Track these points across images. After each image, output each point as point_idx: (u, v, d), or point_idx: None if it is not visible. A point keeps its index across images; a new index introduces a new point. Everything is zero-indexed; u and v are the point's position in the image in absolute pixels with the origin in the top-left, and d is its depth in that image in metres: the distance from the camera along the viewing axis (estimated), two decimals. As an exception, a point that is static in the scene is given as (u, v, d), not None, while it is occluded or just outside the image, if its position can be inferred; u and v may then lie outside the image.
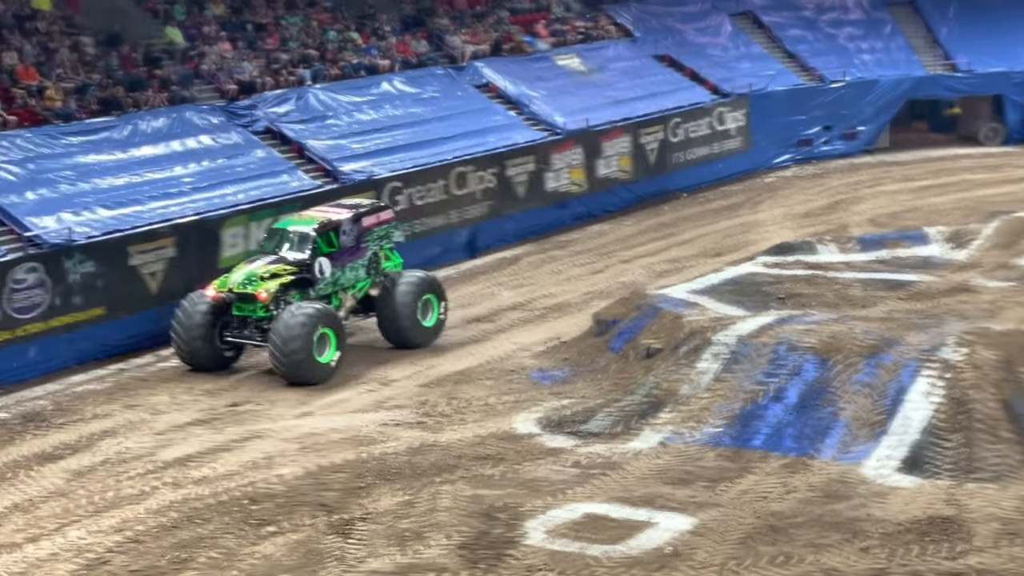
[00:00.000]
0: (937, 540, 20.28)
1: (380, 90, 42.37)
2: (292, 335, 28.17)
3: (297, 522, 21.94)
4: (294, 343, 28.20)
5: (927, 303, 29.51)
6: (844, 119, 52.88)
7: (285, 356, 28.31)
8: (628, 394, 26.50)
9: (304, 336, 28.24)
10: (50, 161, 33.71)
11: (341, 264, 30.64)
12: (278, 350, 28.32)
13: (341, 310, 30.60)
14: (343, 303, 30.88)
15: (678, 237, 41.57)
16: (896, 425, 23.74)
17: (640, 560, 20.06)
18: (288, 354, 28.27)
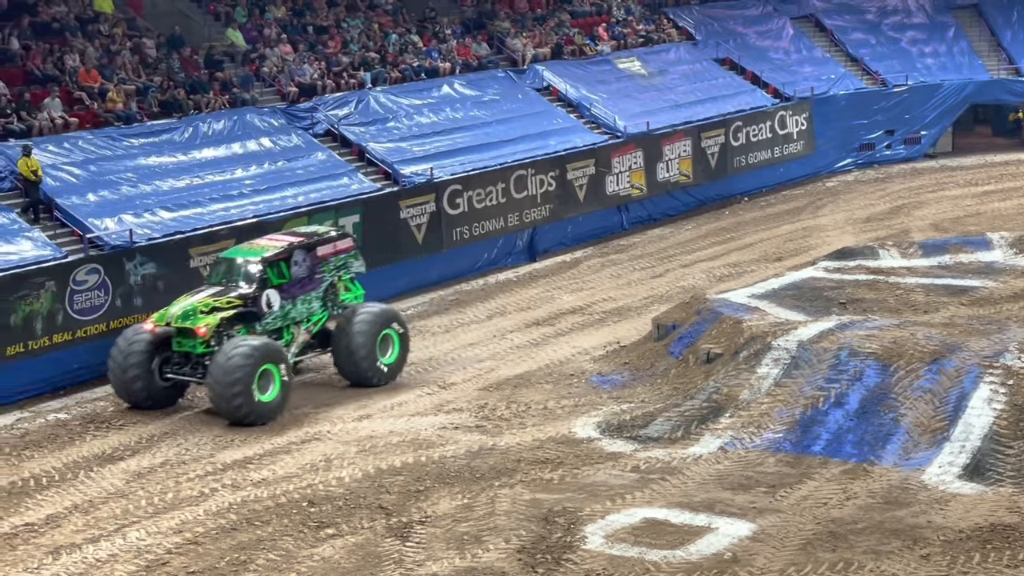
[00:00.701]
0: (999, 548, 20.17)
1: (441, 93, 42.45)
2: (231, 372, 26.35)
3: (356, 525, 22.02)
4: (233, 381, 26.36)
5: (990, 309, 29.32)
6: (906, 123, 52.65)
7: (224, 394, 26.52)
8: (688, 399, 26.48)
9: (244, 373, 26.37)
10: (111, 163, 33.95)
11: (292, 296, 28.60)
12: (217, 387, 26.53)
13: (292, 345, 28.81)
14: (295, 337, 28.94)
15: (739, 241, 41.47)
16: (958, 432, 23.62)
17: (700, 566, 20.04)
18: (226, 393, 26.48)
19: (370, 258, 35.50)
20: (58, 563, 21.12)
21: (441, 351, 31.81)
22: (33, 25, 37.88)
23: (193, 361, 27.52)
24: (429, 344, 32.45)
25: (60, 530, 22.35)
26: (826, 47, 54.87)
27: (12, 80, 35.45)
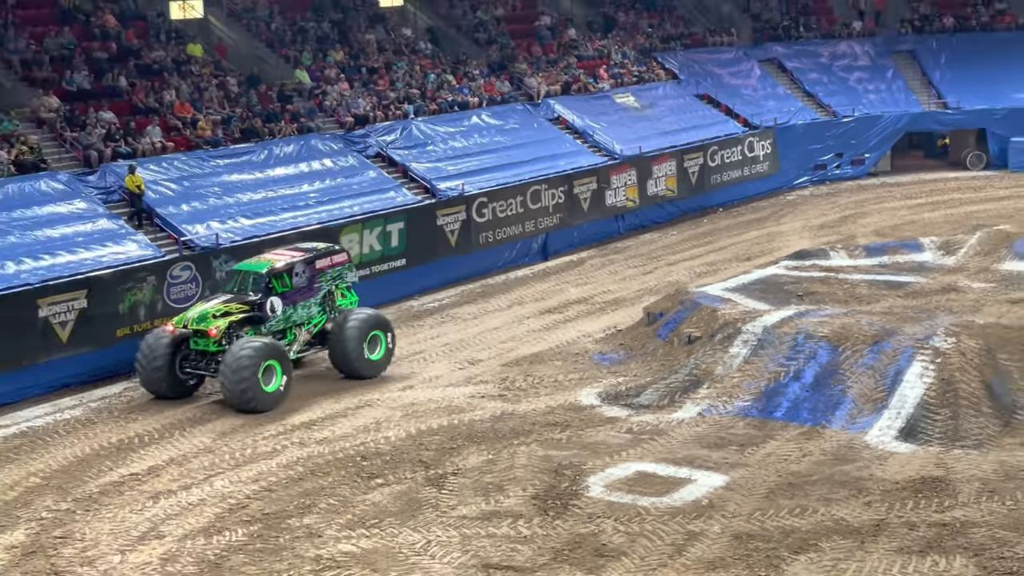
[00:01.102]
0: (928, 496, 20.13)
1: (470, 122, 42.37)
2: (240, 367, 25.64)
3: (400, 475, 22.04)
4: (241, 375, 25.64)
5: (921, 300, 29.22)
6: (853, 147, 52.40)
7: (234, 386, 25.75)
8: (673, 373, 26.43)
9: (251, 368, 25.68)
10: (201, 179, 33.99)
11: (293, 302, 27.79)
12: (227, 381, 25.79)
13: (295, 343, 28.08)
14: (297, 337, 28.13)
15: (715, 245, 41.35)
16: (895, 401, 23.56)
17: (682, 510, 20.02)
18: (236, 385, 25.71)
19: (412, 258, 35.76)
20: (157, 506, 21.18)
21: (470, 334, 31.78)
22: (137, 66, 37.95)
23: (207, 358, 26.78)
24: (460, 328, 32.42)
25: (159, 479, 22.41)
26: (787, 85, 54.61)
27: (120, 111, 35.53)
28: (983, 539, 18.49)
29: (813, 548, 18.45)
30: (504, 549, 18.85)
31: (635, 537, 19.09)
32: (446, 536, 19.39)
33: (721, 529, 19.25)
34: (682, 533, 19.17)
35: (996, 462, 21.39)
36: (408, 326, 32.78)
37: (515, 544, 19.01)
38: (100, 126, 34.23)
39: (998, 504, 19.72)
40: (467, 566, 18.34)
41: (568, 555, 18.57)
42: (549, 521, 19.79)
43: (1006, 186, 49.05)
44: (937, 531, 18.83)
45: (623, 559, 18.37)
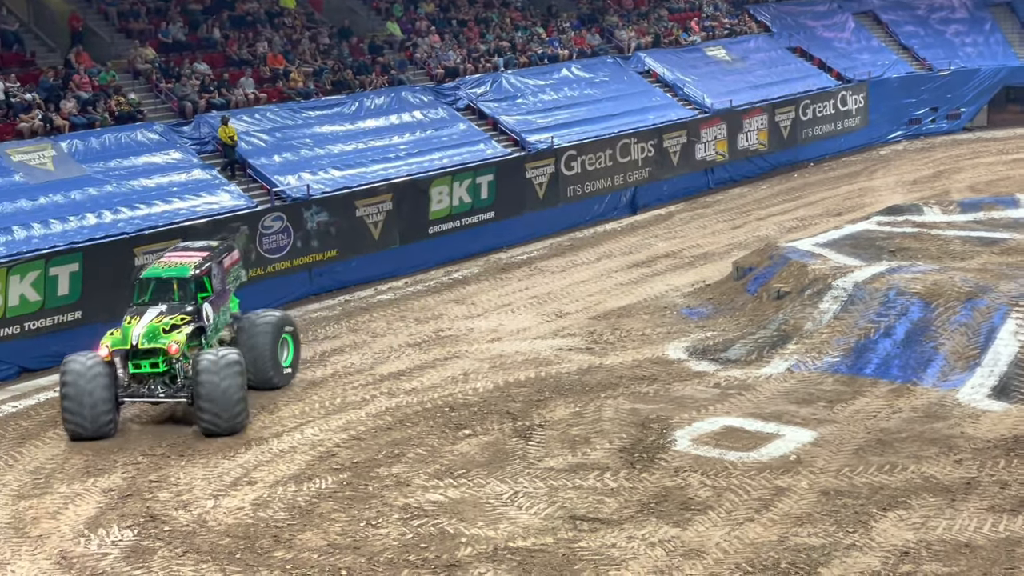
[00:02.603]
0: (1021, 455, 19.83)
1: (560, 75, 42.23)
2: (232, 394, 21.88)
3: (488, 427, 22.14)
4: (235, 401, 21.96)
5: (1017, 257, 28.68)
6: (949, 102, 51.52)
7: (226, 417, 21.96)
8: (761, 328, 26.25)
9: (243, 390, 22.17)
10: (292, 131, 34.23)
11: (216, 308, 23.97)
12: (217, 414, 21.83)
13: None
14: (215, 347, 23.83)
15: (805, 199, 40.90)
16: (988, 359, 23.22)
17: (769, 465, 19.91)
18: (232, 408, 21.95)
19: (501, 210, 35.79)
20: (250, 452, 21.47)
21: (558, 287, 31.77)
22: (231, 18, 38.23)
23: (153, 381, 22.55)
24: (548, 281, 32.42)
25: (251, 427, 22.69)
26: (882, 38, 53.76)
27: (214, 63, 35.84)
28: (1076, 500, 18.20)
29: (902, 505, 18.27)
30: (590, 501, 18.89)
31: (721, 491, 19.03)
32: (533, 487, 19.46)
33: (808, 485, 19.13)
34: (769, 488, 19.07)
35: (1091, 422, 21.03)
36: (496, 278, 32.86)
37: (601, 496, 19.04)
38: (195, 77, 34.56)
39: (1092, 464, 19.39)
40: (553, 517, 18.40)
41: (654, 508, 18.57)
42: (635, 474, 19.79)
43: (1106, 142, 47.99)
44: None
45: (709, 513, 18.33)
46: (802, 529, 17.69)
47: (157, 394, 22.55)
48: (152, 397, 22.59)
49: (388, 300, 31.26)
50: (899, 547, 17.04)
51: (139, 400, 22.75)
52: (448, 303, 30.70)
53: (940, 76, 51.35)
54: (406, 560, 17.25)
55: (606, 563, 16.96)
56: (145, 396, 22.59)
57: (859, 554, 16.90)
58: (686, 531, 17.79)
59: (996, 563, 16.48)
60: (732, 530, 17.74)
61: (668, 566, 16.81)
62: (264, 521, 18.68)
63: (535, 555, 17.28)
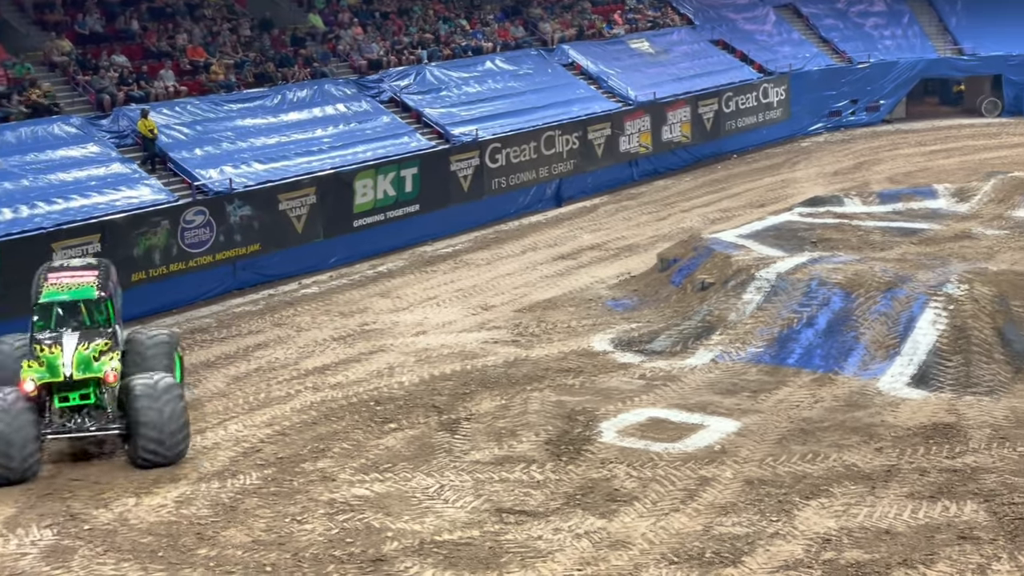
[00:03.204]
0: (939, 443, 20.14)
1: (484, 68, 42.19)
2: (176, 419, 20.12)
3: (413, 421, 22.10)
4: (179, 428, 20.22)
5: (935, 247, 29.12)
6: (868, 94, 52.13)
7: (170, 445, 20.15)
8: (686, 320, 26.41)
9: (185, 415, 20.49)
10: (214, 124, 33.92)
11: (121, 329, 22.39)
12: (161, 441, 19.98)
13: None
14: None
15: (728, 191, 41.21)
16: (907, 347, 23.54)
17: (694, 456, 20.06)
18: (177, 435, 20.22)
19: (425, 203, 35.70)
20: (172, 449, 21.25)
21: (483, 280, 31.77)
22: (150, 9, 37.80)
23: (84, 413, 20.54)
24: (474, 274, 32.42)
25: (174, 422, 22.43)
26: (802, 31, 54.26)
27: (133, 55, 35.42)
28: (993, 485, 18.51)
29: (824, 493, 18.49)
30: (517, 494, 18.92)
31: (647, 482, 19.14)
32: (459, 480, 19.46)
33: (733, 475, 19.29)
34: (694, 479, 19.21)
35: (1007, 408, 21.39)
36: (421, 271, 32.81)
37: (528, 489, 19.08)
38: (113, 70, 34.14)
39: (1009, 450, 19.73)
40: (479, 510, 18.41)
41: (580, 500, 18.63)
42: (562, 466, 19.84)
43: (1021, 132, 48.82)
44: (948, 477, 18.86)
45: (635, 504, 18.43)
46: (726, 518, 17.83)
47: (87, 428, 20.36)
48: (81, 431, 20.38)
49: (313, 294, 31.10)
50: (821, 535, 17.24)
51: (65, 436, 20.48)
52: (373, 297, 30.60)
53: (860, 69, 51.94)
54: (332, 556, 17.18)
55: (532, 555, 16.99)
56: (73, 431, 20.35)
57: (782, 542, 17.08)
58: (612, 522, 17.88)
59: (916, 549, 16.72)
60: (657, 521, 17.86)
61: (594, 557, 16.89)
62: (187, 519, 18.51)
63: (461, 548, 17.29)
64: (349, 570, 16.80)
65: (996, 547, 16.71)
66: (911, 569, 16.22)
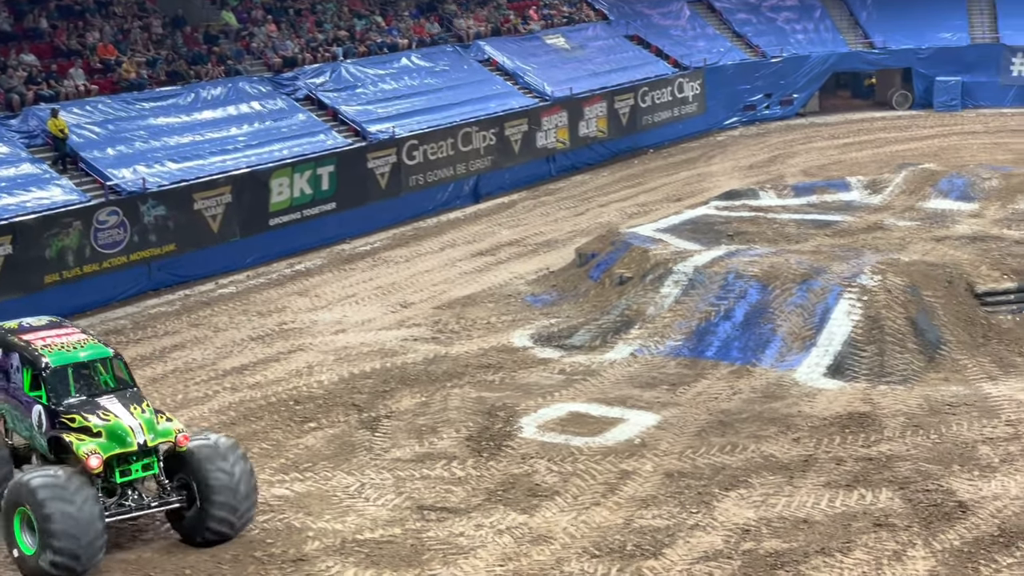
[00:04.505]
0: (855, 431, 20.43)
1: (400, 65, 42.09)
2: (247, 482, 17.65)
3: (333, 419, 22.03)
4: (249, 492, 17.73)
5: (848, 239, 29.51)
6: (781, 88, 52.67)
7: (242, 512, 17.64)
8: (604, 314, 26.55)
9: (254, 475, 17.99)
10: (126, 123, 33.53)
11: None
12: (234, 508, 17.47)
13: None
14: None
15: (645, 186, 41.47)
16: (823, 338, 23.83)
17: (614, 449, 20.19)
18: (246, 510, 17.70)
19: (342, 201, 35.57)
20: (88, 453, 20.98)
21: (402, 277, 31.72)
22: (59, 7, 37.25)
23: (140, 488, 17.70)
24: (392, 271, 32.35)
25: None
26: (716, 25, 54.68)
27: (42, 54, 34.90)
28: (908, 472, 18.82)
29: (743, 484, 18.69)
30: (438, 490, 18.93)
31: (568, 477, 19.23)
32: (380, 479, 19.43)
33: (653, 468, 19.44)
34: (614, 472, 19.33)
35: (921, 397, 21.75)
36: (340, 270, 32.68)
37: (449, 485, 19.10)
38: (21, 69, 33.61)
39: (922, 438, 20.06)
40: (401, 508, 18.40)
41: (502, 495, 18.68)
42: (483, 462, 19.88)
43: (931, 125, 49.60)
44: (864, 465, 19.14)
45: (556, 499, 18.51)
46: (647, 511, 17.97)
47: (147, 504, 17.52)
48: (142, 509, 17.50)
49: (230, 294, 30.87)
50: (740, 525, 17.43)
51: (128, 517, 17.58)
52: (291, 296, 30.44)
53: (773, 63, 52.48)
54: (252, 556, 17.09)
55: (454, 552, 17.02)
56: (134, 509, 17.44)
57: (702, 533, 17.25)
58: (533, 517, 17.95)
59: (833, 537, 16.97)
60: (579, 515, 17.95)
61: (516, 552, 16.95)
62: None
63: (383, 546, 17.27)
64: (270, 571, 16.72)
65: (911, 533, 17.00)
66: (828, 557, 16.46)
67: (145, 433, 17.42)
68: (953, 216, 31.17)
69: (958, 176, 34.11)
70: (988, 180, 33.34)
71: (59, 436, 17.66)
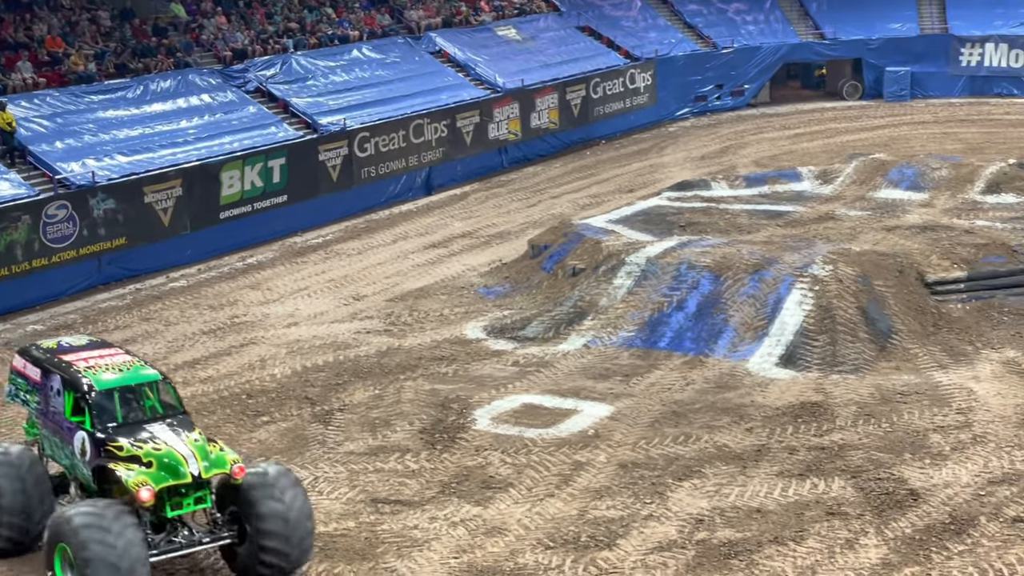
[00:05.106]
0: (807, 421, 20.55)
1: (351, 56, 41.92)
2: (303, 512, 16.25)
3: (286, 413, 21.94)
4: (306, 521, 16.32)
5: (800, 229, 29.66)
6: (733, 79, 52.85)
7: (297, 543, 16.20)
8: (557, 305, 26.56)
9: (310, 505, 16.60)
10: (75, 116, 33.24)
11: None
12: (288, 539, 16.05)
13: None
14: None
15: (598, 177, 41.52)
16: (775, 328, 23.95)
17: (568, 441, 20.21)
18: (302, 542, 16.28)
19: (294, 194, 35.40)
20: (38, 449, 20.78)
21: (355, 270, 31.61)
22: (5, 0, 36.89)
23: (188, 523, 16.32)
24: (345, 264, 32.23)
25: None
26: (667, 16, 54.77)
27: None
28: (860, 461, 18.95)
29: (696, 474, 18.76)
30: (392, 483, 18.89)
31: (522, 468, 19.24)
32: (333, 472, 19.37)
33: (607, 458, 19.47)
34: (568, 463, 19.35)
35: (872, 386, 21.90)
36: (292, 262, 32.54)
37: (403, 478, 19.06)
38: (-32, 62, 33.28)
39: (874, 427, 20.20)
40: (355, 501, 18.34)
41: (456, 488, 18.66)
42: (436, 455, 19.85)
43: (881, 115, 49.91)
44: (816, 454, 19.25)
45: (510, 490, 18.51)
46: (601, 502, 18.00)
47: (200, 540, 16.20)
48: (194, 545, 16.19)
49: (181, 288, 30.66)
50: (694, 515, 17.50)
51: (178, 554, 16.23)
52: (243, 289, 30.28)
53: (724, 54, 52.64)
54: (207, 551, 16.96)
55: (409, 545, 16.99)
56: (185, 546, 16.12)
57: (656, 524, 17.30)
58: (488, 509, 17.94)
59: (786, 526, 17.06)
60: (533, 506, 17.96)
61: (470, 545, 16.93)
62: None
63: (337, 540, 17.22)
64: (223, 565, 16.60)
65: (863, 522, 17.12)
66: (782, 546, 16.55)
67: (199, 463, 16.02)
68: (903, 206, 31.40)
69: (908, 166, 34.36)
70: (938, 170, 33.60)
71: (105, 465, 16.21)
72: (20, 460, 17.12)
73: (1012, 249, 26.79)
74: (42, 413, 17.57)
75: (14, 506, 16.88)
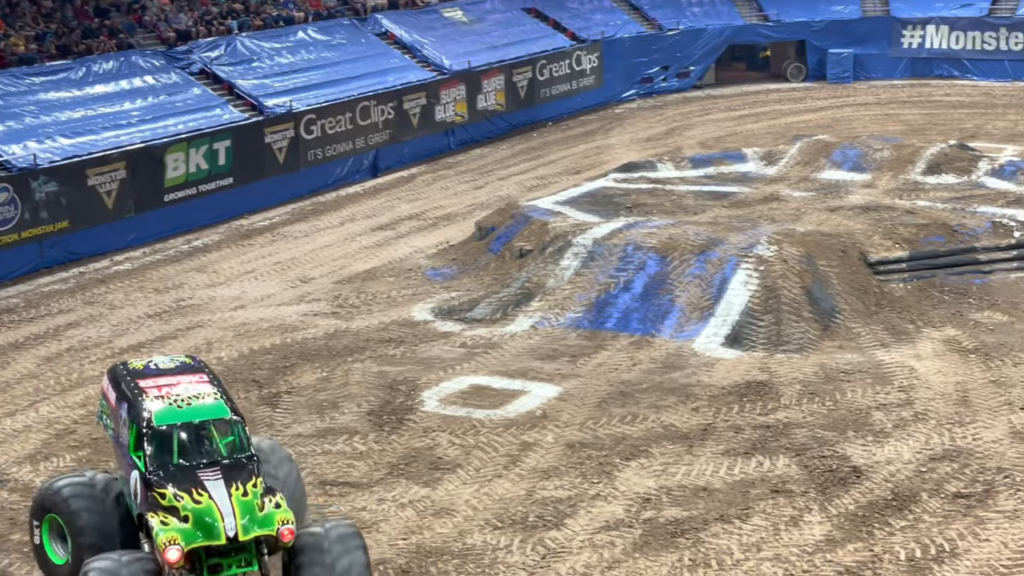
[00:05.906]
0: (753, 400, 20.71)
1: (296, 38, 41.68)
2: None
3: (234, 395, 21.77)
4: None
5: (745, 210, 29.83)
6: (678, 60, 53.00)
7: None
8: (505, 287, 26.59)
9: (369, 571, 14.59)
10: (16, 98, 32.83)
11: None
12: None
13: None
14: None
15: (544, 158, 41.54)
16: (721, 309, 24.09)
17: (516, 421, 20.26)
18: None
19: (240, 176, 35.19)
20: (-18, 434, 20.63)
21: (301, 252, 31.48)
22: (-57, -20, 36.43)
23: None
24: (291, 246, 32.09)
25: (-17, 407, 21.81)
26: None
27: (-73, 28, 34.11)
28: (804, 439, 19.13)
29: (644, 454, 18.86)
30: (340, 466, 18.87)
31: (470, 449, 19.27)
32: (281, 455, 19.29)
33: (555, 439, 19.54)
34: (516, 444, 19.41)
35: (816, 365, 22.09)
36: (238, 245, 32.35)
37: (351, 460, 19.04)
38: (-94, 43, 32.82)
39: (818, 405, 20.40)
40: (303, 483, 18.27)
41: (404, 469, 18.67)
42: (384, 436, 19.84)
43: (824, 97, 50.23)
44: (761, 433, 19.42)
45: (458, 471, 18.54)
46: (549, 482, 18.07)
47: None
48: None
49: (125, 271, 30.41)
50: (641, 494, 17.60)
51: None
52: (189, 272, 30.08)
53: (669, 36, 52.76)
54: (152, 536, 16.87)
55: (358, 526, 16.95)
56: None
57: (604, 503, 17.39)
58: (436, 490, 17.96)
59: (732, 504, 17.20)
60: (481, 487, 18.00)
61: (419, 526, 16.95)
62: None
63: (285, 523, 17.14)
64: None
65: (807, 499, 17.29)
66: (728, 524, 16.68)
67: (237, 523, 13.86)
68: (847, 186, 31.66)
69: (851, 147, 34.61)
70: (880, 151, 33.88)
71: (143, 514, 14.41)
72: (106, 491, 15.29)
73: (952, 229, 27.09)
74: (116, 442, 15.82)
75: (94, 544, 14.80)
